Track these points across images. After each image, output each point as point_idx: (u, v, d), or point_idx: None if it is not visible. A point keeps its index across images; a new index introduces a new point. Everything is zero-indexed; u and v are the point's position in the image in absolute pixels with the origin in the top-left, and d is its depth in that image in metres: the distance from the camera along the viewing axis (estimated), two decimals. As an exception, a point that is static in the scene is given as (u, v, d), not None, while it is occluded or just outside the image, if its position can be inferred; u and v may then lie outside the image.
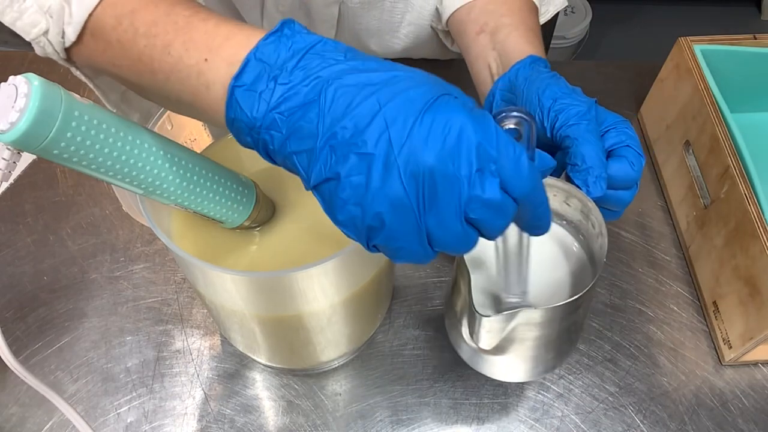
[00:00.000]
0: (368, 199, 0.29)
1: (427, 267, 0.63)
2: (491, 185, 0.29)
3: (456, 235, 0.30)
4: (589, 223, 0.44)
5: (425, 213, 0.30)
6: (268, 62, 0.31)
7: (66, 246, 0.64)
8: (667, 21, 2.02)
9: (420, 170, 0.29)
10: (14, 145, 0.32)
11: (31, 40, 0.38)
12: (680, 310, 0.61)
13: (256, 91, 0.31)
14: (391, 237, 0.30)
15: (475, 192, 0.29)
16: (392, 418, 0.55)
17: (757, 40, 0.65)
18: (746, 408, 0.56)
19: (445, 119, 0.29)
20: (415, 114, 0.29)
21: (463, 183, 0.29)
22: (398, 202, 0.29)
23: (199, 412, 0.55)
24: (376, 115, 0.29)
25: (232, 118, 0.32)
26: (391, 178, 0.29)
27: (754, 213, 0.52)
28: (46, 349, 0.58)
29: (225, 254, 0.47)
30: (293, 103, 0.30)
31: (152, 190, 0.39)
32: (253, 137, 0.32)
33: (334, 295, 0.46)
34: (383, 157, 0.29)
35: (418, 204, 0.29)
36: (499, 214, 0.30)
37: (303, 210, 0.50)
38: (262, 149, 0.32)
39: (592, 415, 0.55)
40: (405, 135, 0.29)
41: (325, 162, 0.30)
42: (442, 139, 0.29)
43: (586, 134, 0.42)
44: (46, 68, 0.78)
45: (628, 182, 0.43)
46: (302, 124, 0.30)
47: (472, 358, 0.47)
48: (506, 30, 0.52)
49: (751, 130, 0.66)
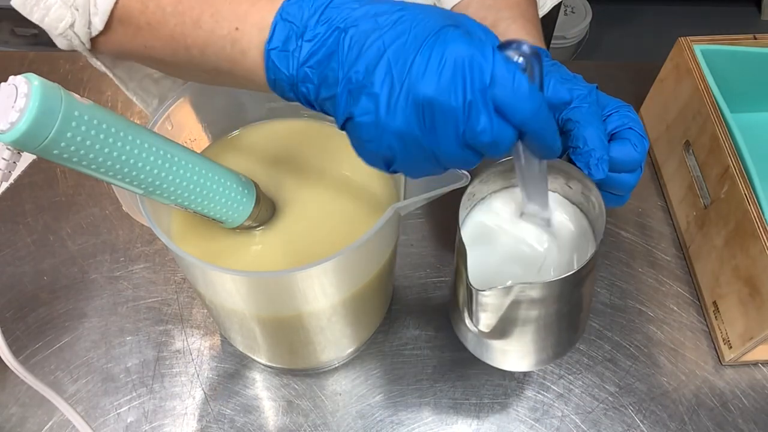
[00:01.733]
0: (378, 134, 0.32)
1: (427, 267, 0.63)
2: (484, 116, 0.31)
3: (458, 158, 0.33)
4: (590, 204, 0.44)
5: (429, 141, 0.32)
6: (294, 21, 0.33)
7: (66, 246, 0.64)
8: (667, 21, 2.02)
9: (419, 102, 0.31)
10: (14, 145, 0.32)
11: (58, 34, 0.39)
12: (680, 310, 0.61)
13: (288, 50, 0.33)
14: (405, 163, 0.33)
15: (470, 123, 0.31)
16: (392, 418, 0.55)
17: (757, 40, 0.65)
18: (746, 408, 0.56)
19: (442, 51, 0.30)
20: (414, 50, 0.31)
21: (458, 113, 0.31)
22: (404, 135, 0.32)
23: (199, 412, 0.55)
24: (382, 56, 0.31)
25: (273, 79, 0.34)
26: (395, 113, 0.31)
27: (754, 213, 0.52)
28: (46, 349, 0.58)
29: (225, 254, 0.47)
30: (319, 55, 0.33)
31: (152, 190, 0.39)
32: (294, 92, 0.34)
33: (334, 295, 0.46)
34: (387, 94, 0.31)
35: (421, 133, 0.32)
36: (495, 142, 0.32)
37: (303, 210, 0.50)
38: (303, 100, 0.35)
39: (592, 415, 0.55)
40: (405, 71, 0.31)
41: (345, 104, 0.33)
42: (438, 71, 0.30)
43: (588, 117, 0.42)
44: (46, 68, 0.79)
45: (632, 165, 0.43)
46: (328, 72, 0.33)
47: (477, 348, 0.47)
48: (505, 23, 0.52)
49: (751, 130, 0.66)
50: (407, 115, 0.31)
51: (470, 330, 0.46)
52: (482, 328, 0.43)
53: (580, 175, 0.42)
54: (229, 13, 0.35)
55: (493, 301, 0.41)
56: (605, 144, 0.42)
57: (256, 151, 0.53)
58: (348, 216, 0.49)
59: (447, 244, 0.65)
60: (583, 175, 0.42)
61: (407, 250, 0.64)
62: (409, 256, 0.64)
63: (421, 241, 0.65)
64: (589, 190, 0.43)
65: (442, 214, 0.67)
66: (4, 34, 1.35)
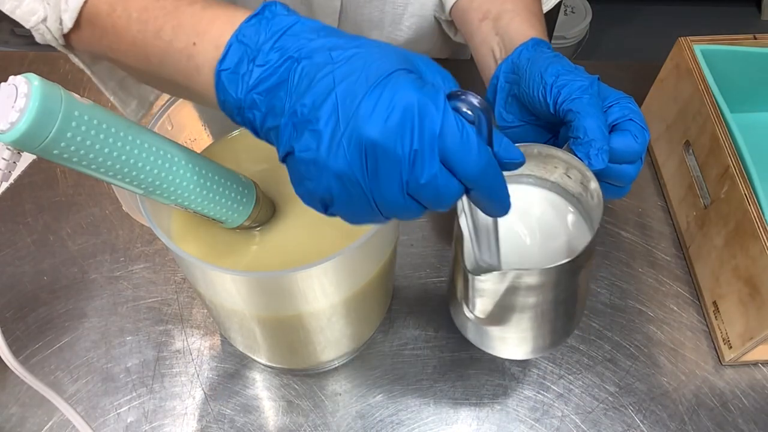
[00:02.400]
0: (317, 173, 0.31)
1: (427, 267, 0.63)
2: (429, 167, 0.30)
3: (401, 207, 0.31)
4: (588, 194, 0.44)
5: (370, 186, 0.30)
6: (249, 44, 0.32)
7: (66, 246, 0.64)
8: (667, 21, 2.02)
9: (363, 145, 0.29)
10: (14, 145, 0.32)
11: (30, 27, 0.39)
12: (680, 310, 0.61)
13: (239, 73, 0.32)
14: (343, 207, 0.32)
15: (414, 173, 0.30)
16: (392, 418, 0.55)
17: (757, 40, 0.65)
18: (746, 408, 0.56)
19: (392, 95, 0.29)
20: (364, 90, 0.30)
21: (404, 161, 0.29)
22: (344, 176, 0.30)
23: (199, 412, 0.55)
24: (330, 92, 0.30)
25: (222, 101, 0.33)
26: (337, 153, 0.30)
27: (754, 213, 0.52)
28: (46, 349, 0.58)
29: (225, 254, 0.47)
30: (269, 83, 0.32)
31: (152, 190, 0.39)
32: (241, 117, 0.34)
33: (334, 295, 0.46)
34: (330, 132, 0.30)
35: (362, 177, 0.30)
36: (440, 195, 0.31)
37: (303, 210, 0.49)
38: (250, 127, 0.34)
39: (592, 415, 0.55)
40: (352, 111, 0.29)
41: (287, 138, 0.31)
42: (385, 115, 0.29)
43: (589, 107, 0.42)
44: (46, 68, 0.79)
45: (632, 156, 0.43)
46: (275, 102, 0.32)
47: (476, 336, 0.48)
48: (509, 15, 0.52)
49: (751, 130, 0.66)
50: (350, 156, 0.30)
51: (468, 318, 0.46)
52: (479, 314, 0.44)
53: (580, 164, 0.42)
54: (190, 27, 0.34)
55: (489, 286, 0.41)
56: (606, 135, 0.42)
57: (256, 151, 0.53)
58: (348, 216, 0.49)
59: (447, 244, 0.65)
60: (582, 165, 0.42)
61: (407, 250, 0.64)
62: (409, 256, 0.64)
63: (421, 241, 0.65)
64: (588, 179, 0.43)
65: (443, 214, 0.67)
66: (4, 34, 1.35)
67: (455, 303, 0.48)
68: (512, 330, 0.45)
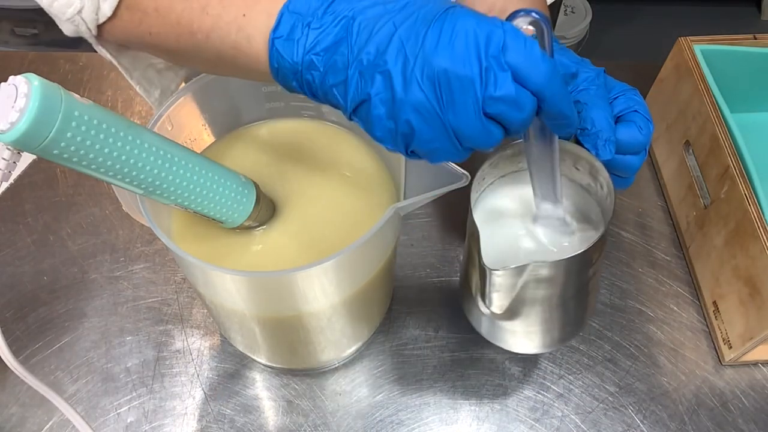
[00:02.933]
0: (396, 109, 0.32)
1: (427, 267, 0.63)
2: (503, 81, 0.31)
3: (479, 131, 0.32)
4: (597, 184, 0.45)
5: (447, 113, 0.32)
6: (301, 12, 0.34)
7: (66, 246, 0.64)
8: (667, 21, 2.02)
9: (435, 74, 0.31)
10: (14, 145, 0.32)
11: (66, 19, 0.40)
12: (680, 310, 0.61)
13: (294, 39, 0.34)
14: (423, 140, 0.33)
15: (488, 90, 0.31)
16: (392, 418, 0.55)
17: (757, 40, 0.65)
18: (746, 408, 0.56)
19: (453, 25, 0.31)
20: (425, 26, 0.31)
21: (476, 81, 0.31)
22: (421, 107, 0.32)
23: (199, 412, 0.55)
24: (393, 36, 0.32)
25: (276, 67, 0.35)
26: (411, 87, 0.31)
27: (754, 213, 0.52)
28: (46, 349, 0.58)
29: (225, 254, 0.47)
30: (326, 43, 0.33)
31: (152, 190, 0.39)
32: (297, 80, 0.35)
33: (334, 295, 0.46)
34: (401, 70, 0.31)
35: (439, 106, 0.32)
36: (516, 108, 0.32)
37: (303, 210, 0.50)
38: (307, 89, 0.35)
39: (592, 415, 0.55)
40: (418, 46, 0.31)
41: (357, 87, 0.33)
42: (451, 43, 0.31)
43: (596, 99, 0.43)
44: (46, 68, 0.79)
45: (637, 147, 0.44)
46: (336, 58, 0.33)
47: (490, 332, 0.48)
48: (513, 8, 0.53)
49: (751, 130, 0.66)
50: (424, 87, 0.31)
51: (483, 313, 0.46)
52: (495, 309, 0.44)
53: (588, 156, 0.43)
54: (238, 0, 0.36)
55: (505, 281, 0.41)
56: (612, 125, 0.43)
57: (256, 151, 0.53)
58: (348, 216, 0.49)
59: (447, 244, 0.65)
60: (591, 156, 0.43)
61: (407, 250, 0.64)
62: (409, 256, 0.64)
63: (421, 241, 0.65)
64: (597, 170, 0.44)
65: (443, 214, 0.67)
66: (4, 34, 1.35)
67: (469, 299, 0.48)
68: (527, 324, 0.46)
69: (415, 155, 0.35)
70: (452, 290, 0.62)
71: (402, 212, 0.43)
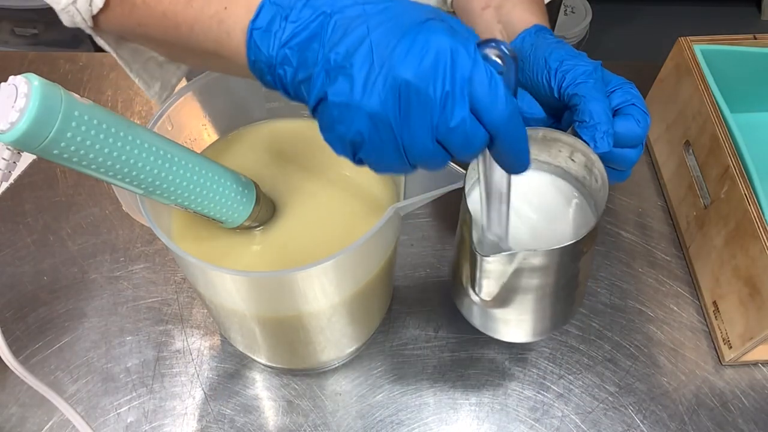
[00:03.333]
0: (350, 114, 0.32)
1: (427, 267, 0.63)
2: (460, 110, 0.31)
3: (429, 153, 0.32)
4: (592, 177, 0.45)
5: (401, 128, 0.32)
6: (281, 4, 0.34)
7: (66, 246, 0.64)
8: (667, 21, 2.02)
9: (397, 85, 0.31)
10: (14, 145, 0.32)
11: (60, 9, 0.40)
12: (680, 310, 0.61)
13: (271, 31, 0.34)
14: (372, 151, 0.33)
15: (444, 115, 0.31)
16: (392, 418, 0.55)
17: (757, 40, 0.65)
18: (746, 408, 0.56)
19: (426, 39, 0.31)
20: (398, 36, 0.31)
21: (435, 103, 0.31)
22: (376, 117, 0.31)
23: (199, 412, 0.55)
24: (364, 39, 0.31)
25: (253, 60, 0.35)
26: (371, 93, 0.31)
27: (754, 213, 0.52)
28: (46, 349, 0.58)
29: (225, 254, 0.47)
30: (301, 37, 0.33)
31: (152, 190, 0.39)
32: (272, 75, 0.35)
33: (334, 295, 0.46)
34: (365, 75, 0.31)
35: (395, 118, 0.31)
36: (467, 140, 0.32)
37: (303, 210, 0.50)
38: (280, 85, 0.35)
39: (592, 415, 0.55)
40: (387, 54, 0.31)
41: (320, 85, 0.32)
42: (419, 58, 0.30)
43: (593, 92, 0.43)
44: (46, 68, 0.79)
45: (634, 140, 0.44)
46: (308, 54, 0.33)
47: (480, 320, 0.48)
48: (511, 3, 0.53)
49: (751, 130, 0.66)
50: (384, 96, 0.31)
51: (473, 301, 0.46)
52: (485, 296, 0.44)
53: (584, 147, 0.43)
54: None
55: (496, 267, 0.41)
56: (610, 118, 0.43)
57: (256, 151, 0.53)
58: (348, 216, 0.49)
59: (447, 244, 0.65)
60: (587, 148, 0.43)
61: (407, 250, 0.64)
62: (409, 256, 0.64)
63: (421, 241, 0.65)
64: (593, 162, 0.44)
65: (443, 214, 0.67)
66: (4, 34, 1.35)
67: (459, 287, 0.48)
68: (516, 312, 0.46)
69: (362, 163, 0.34)
70: (452, 290, 0.62)
71: (402, 212, 0.43)
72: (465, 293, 0.47)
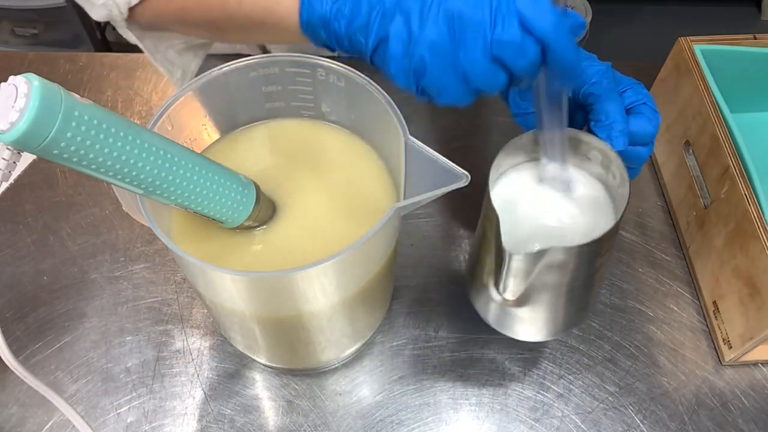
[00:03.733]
0: (412, 47, 0.36)
1: (427, 267, 0.63)
2: (510, 25, 0.34)
3: (486, 71, 0.35)
4: (609, 174, 0.45)
5: (458, 52, 0.35)
6: None
7: (66, 246, 0.64)
8: (667, 21, 2.02)
9: (450, 15, 0.34)
10: (14, 145, 0.32)
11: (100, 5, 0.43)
12: (680, 310, 0.61)
13: None
14: (434, 77, 0.36)
15: (496, 32, 0.34)
16: (392, 418, 0.55)
17: (757, 40, 0.65)
18: (746, 408, 0.56)
19: None
20: None
21: (486, 24, 0.34)
22: (435, 45, 0.35)
23: (199, 412, 0.55)
24: None
25: (307, 20, 0.38)
26: (427, 25, 0.35)
27: (754, 213, 0.52)
28: (46, 349, 0.58)
29: (225, 254, 0.47)
30: None
31: (152, 190, 0.39)
32: (326, 30, 0.38)
33: (334, 295, 0.46)
34: (419, 9, 0.35)
35: (452, 45, 0.35)
36: (520, 53, 0.34)
37: (303, 210, 0.50)
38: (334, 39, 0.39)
39: (592, 415, 0.55)
40: None
41: (378, 27, 0.36)
42: None
43: (608, 92, 0.44)
44: (46, 68, 0.79)
45: (647, 138, 0.46)
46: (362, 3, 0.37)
47: (498, 319, 0.49)
48: None
49: (751, 130, 0.66)
50: (438, 27, 0.34)
51: (494, 300, 0.47)
52: (509, 295, 0.45)
53: (601, 145, 0.44)
54: None
55: (523, 266, 0.42)
56: (625, 117, 0.45)
57: (257, 151, 0.53)
58: (348, 216, 0.49)
59: (448, 244, 0.65)
60: (606, 146, 0.44)
61: (407, 250, 0.64)
62: (409, 256, 0.64)
63: (421, 241, 0.65)
64: (611, 160, 0.44)
65: (443, 214, 0.67)
66: (4, 34, 1.35)
67: (478, 286, 0.48)
68: (536, 310, 0.46)
69: (425, 94, 0.37)
70: (452, 290, 0.62)
71: (402, 212, 0.43)
72: (485, 291, 0.47)
